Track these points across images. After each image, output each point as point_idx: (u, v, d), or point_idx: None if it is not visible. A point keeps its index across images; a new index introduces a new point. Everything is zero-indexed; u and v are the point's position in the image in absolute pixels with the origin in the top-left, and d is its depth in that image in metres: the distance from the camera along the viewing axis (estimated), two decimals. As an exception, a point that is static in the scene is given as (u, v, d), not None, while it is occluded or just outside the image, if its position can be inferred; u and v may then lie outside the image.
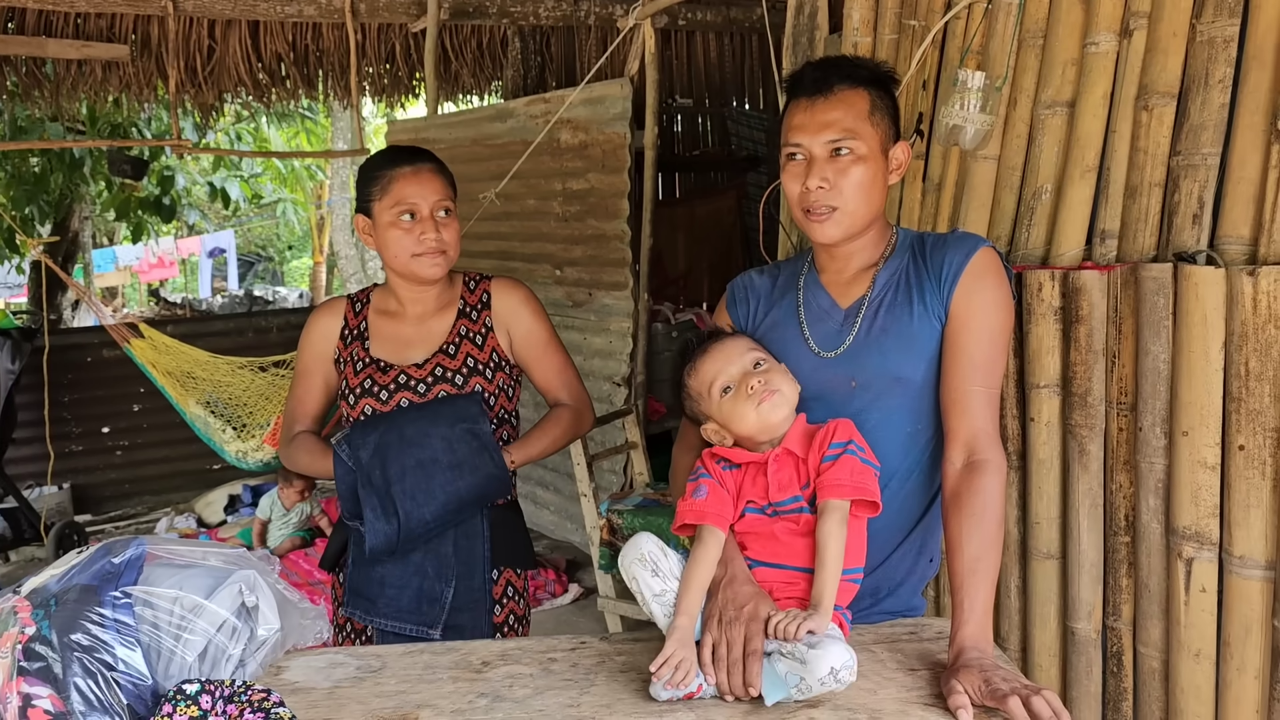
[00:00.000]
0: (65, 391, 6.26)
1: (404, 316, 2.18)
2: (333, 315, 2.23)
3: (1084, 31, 2.20)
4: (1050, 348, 2.17)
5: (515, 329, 2.19)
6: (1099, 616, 2.15)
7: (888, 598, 1.79)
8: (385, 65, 6.78)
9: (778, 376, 1.64)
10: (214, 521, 5.96)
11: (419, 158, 2.14)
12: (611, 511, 4.01)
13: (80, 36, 5.81)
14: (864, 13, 2.77)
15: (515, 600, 2.18)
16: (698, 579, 1.55)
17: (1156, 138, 2.05)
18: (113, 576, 1.41)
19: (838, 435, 1.60)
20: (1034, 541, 2.24)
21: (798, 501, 1.57)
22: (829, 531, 1.52)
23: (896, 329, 1.71)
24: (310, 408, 2.23)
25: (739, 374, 1.64)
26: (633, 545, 1.56)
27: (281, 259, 21.61)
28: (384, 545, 1.98)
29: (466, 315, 2.18)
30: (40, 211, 7.68)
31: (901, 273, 1.75)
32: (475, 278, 2.24)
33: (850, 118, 1.68)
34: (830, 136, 1.67)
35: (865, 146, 1.68)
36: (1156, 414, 1.98)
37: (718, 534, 1.59)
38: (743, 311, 1.88)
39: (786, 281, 1.87)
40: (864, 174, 1.68)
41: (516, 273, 5.39)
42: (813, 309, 1.80)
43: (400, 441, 1.98)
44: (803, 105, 1.70)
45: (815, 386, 1.73)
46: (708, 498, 1.61)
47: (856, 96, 1.69)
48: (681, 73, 7.16)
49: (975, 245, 1.71)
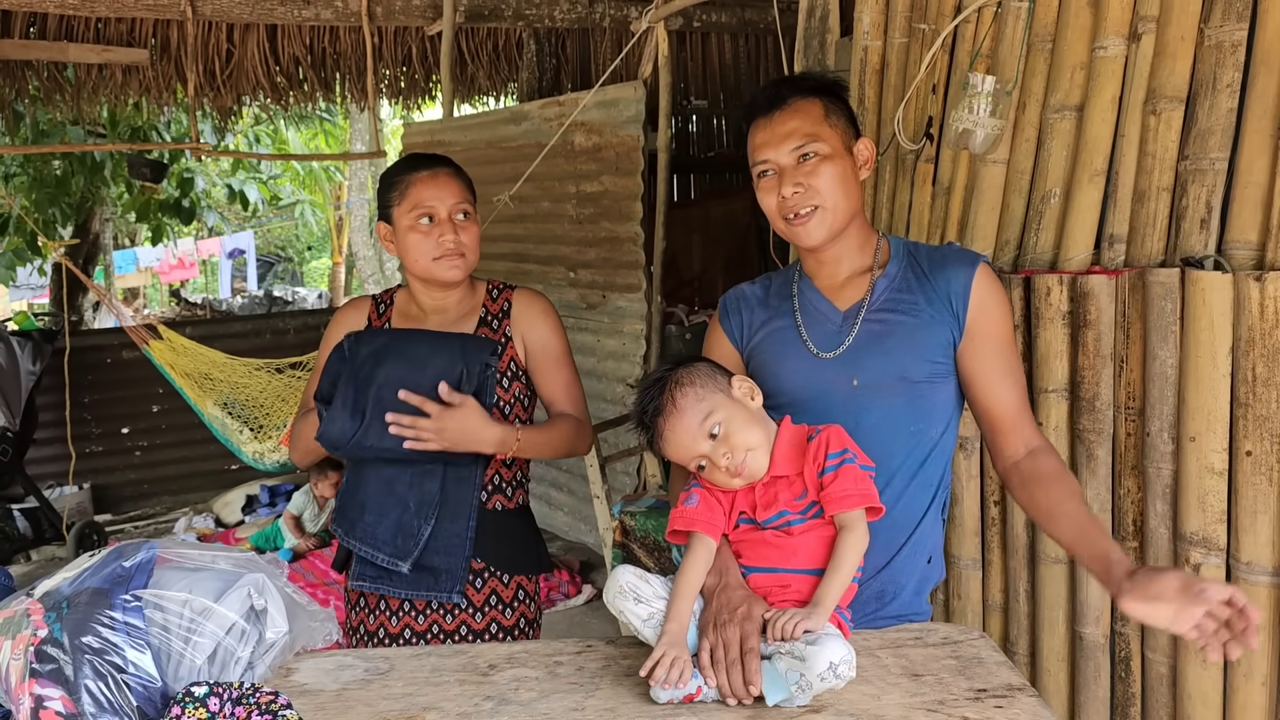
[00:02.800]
0: (85, 392, 6.32)
1: (425, 322, 2.18)
2: (357, 313, 2.23)
3: (1093, 35, 2.20)
4: (1058, 352, 2.17)
5: (531, 338, 2.18)
6: (1107, 621, 2.15)
7: (893, 601, 1.79)
8: (402, 68, 6.81)
9: (740, 434, 1.60)
10: (232, 521, 6.00)
11: (436, 162, 2.15)
12: (624, 513, 4.02)
13: (100, 41, 5.88)
14: (874, 16, 2.78)
15: (526, 604, 2.19)
16: (687, 585, 1.58)
17: (1165, 142, 2.05)
18: (124, 580, 1.43)
19: (832, 445, 1.61)
20: (1042, 546, 2.24)
21: (784, 516, 1.60)
22: (850, 544, 1.55)
23: (901, 330, 1.73)
24: None
25: (705, 450, 1.61)
26: (611, 581, 1.59)
27: (301, 259, 21.74)
28: (335, 438, 1.96)
29: (488, 324, 2.17)
30: (62, 214, 7.76)
31: (900, 278, 1.77)
32: (499, 286, 2.23)
33: (809, 123, 1.74)
34: (793, 144, 1.73)
35: (828, 146, 1.73)
36: (1164, 419, 1.98)
37: (708, 542, 1.61)
38: (736, 323, 1.90)
39: (779, 290, 1.89)
40: (834, 170, 1.73)
41: (530, 275, 5.41)
42: (810, 313, 1.82)
43: (402, 358, 1.97)
44: (760, 124, 1.76)
45: (815, 386, 1.76)
46: (698, 506, 1.64)
47: (809, 104, 1.75)
48: (696, 74, 7.15)
49: (976, 260, 1.76)
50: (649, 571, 1.62)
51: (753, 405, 1.67)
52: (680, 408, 1.63)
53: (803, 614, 1.46)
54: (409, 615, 2.12)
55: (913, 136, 2.62)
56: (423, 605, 2.11)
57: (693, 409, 1.63)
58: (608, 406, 4.80)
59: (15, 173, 7.55)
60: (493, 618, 2.14)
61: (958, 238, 2.48)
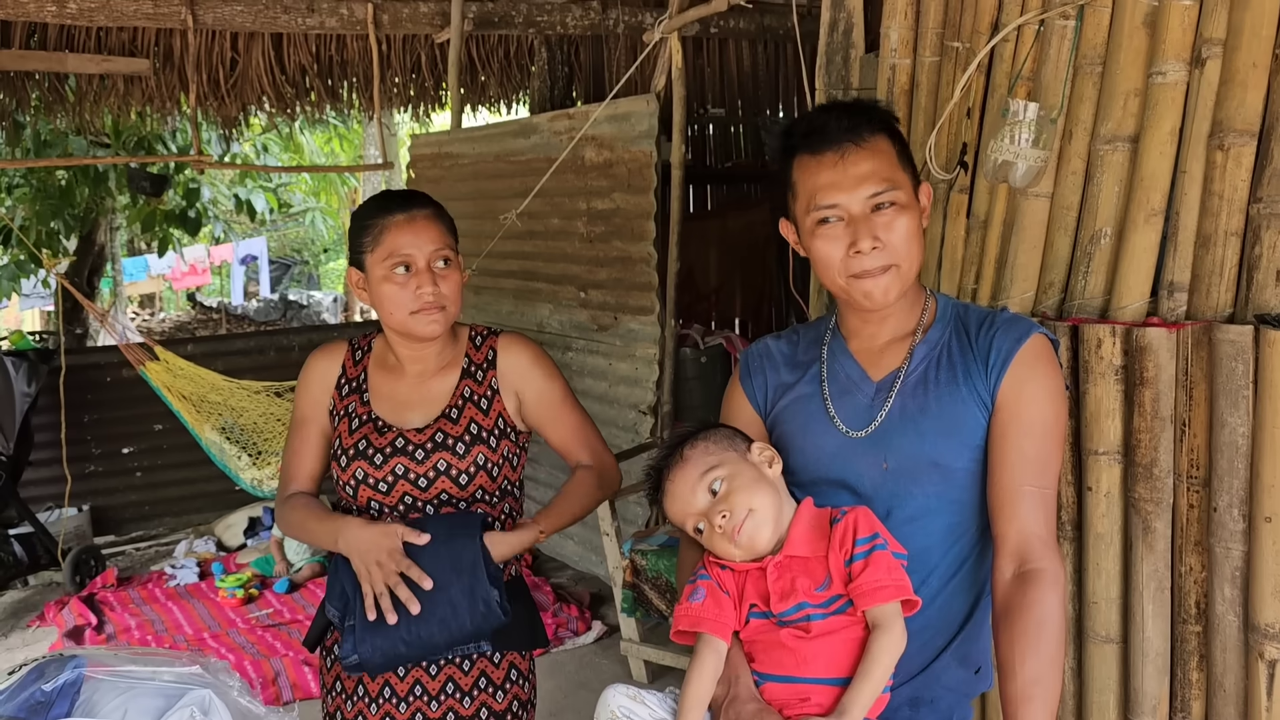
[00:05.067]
0: (85, 411, 6.17)
1: (403, 374, 2.00)
2: (330, 361, 2.05)
3: (1149, 59, 1.98)
4: (1110, 410, 1.96)
5: (526, 392, 2.00)
6: (1165, 712, 1.93)
7: (926, 708, 1.58)
8: (411, 75, 6.64)
9: (743, 496, 1.45)
10: (233, 545, 5.84)
11: (413, 203, 1.95)
12: (635, 551, 3.82)
13: (101, 50, 5.73)
14: (903, 33, 2.56)
15: (520, 684, 2.00)
16: (695, 697, 1.42)
17: (1234, 181, 1.83)
18: (42, 707, 1.25)
19: (860, 529, 1.42)
20: (1091, 623, 2.02)
21: (803, 609, 1.41)
22: (886, 644, 1.37)
23: (937, 409, 1.51)
24: (308, 465, 2.03)
25: (702, 509, 1.46)
26: (602, 705, 1.44)
27: (316, 262, 21.63)
28: (360, 664, 1.77)
29: (471, 375, 1.99)
30: (66, 225, 7.62)
31: (943, 347, 1.55)
32: (482, 333, 2.05)
33: (886, 166, 1.51)
34: (870, 190, 1.49)
35: (905, 194, 1.52)
36: (1234, 494, 1.76)
37: (716, 644, 1.44)
38: (759, 383, 1.69)
39: (808, 349, 1.67)
40: (909, 224, 1.51)
41: (540, 294, 5.22)
42: (839, 381, 1.60)
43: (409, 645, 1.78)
44: (828, 160, 1.50)
45: (841, 469, 1.54)
46: (704, 602, 1.46)
47: (885, 144, 1.53)
48: (714, 81, 6.94)
49: (1027, 330, 1.52)
50: (662, 614, 1.48)
51: (769, 473, 1.50)
52: (685, 458, 1.49)
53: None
54: (389, 703, 1.92)
55: (945, 165, 2.41)
56: (404, 692, 1.92)
57: (698, 461, 1.49)
58: (619, 434, 4.59)
59: (18, 184, 7.41)
60: (482, 702, 1.94)
61: (995, 277, 2.27)
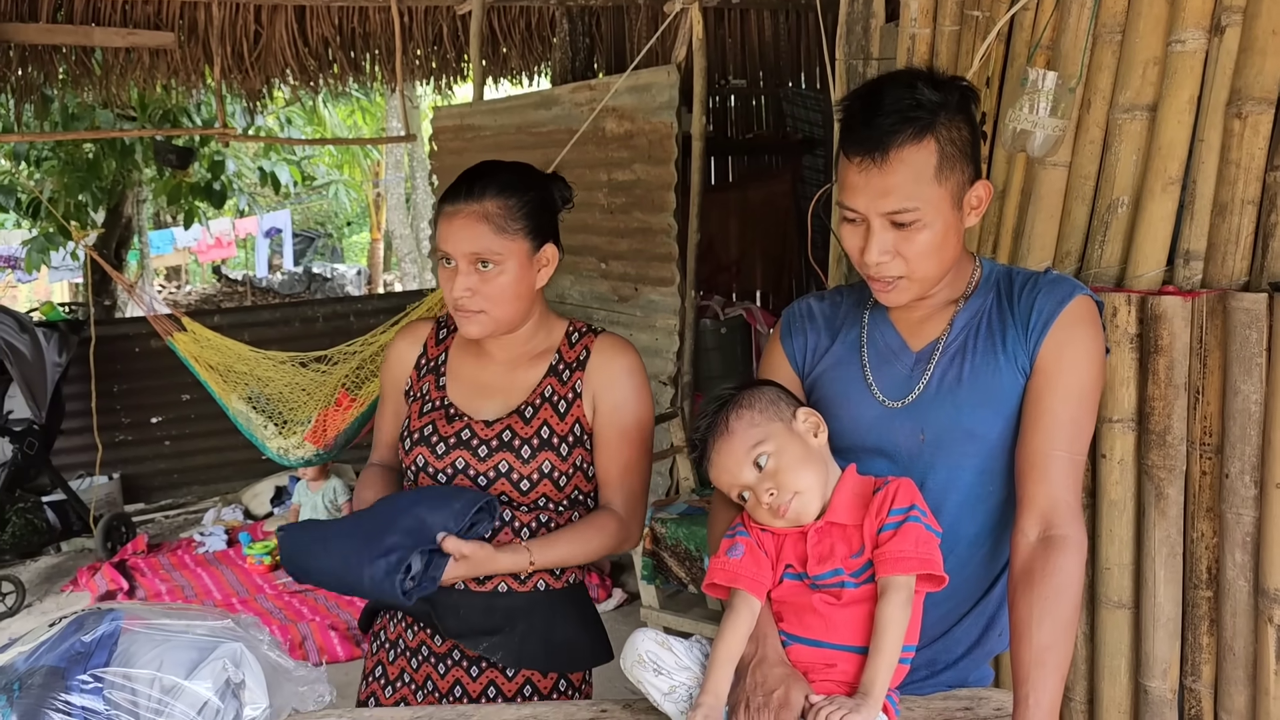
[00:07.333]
0: (115, 381, 6.28)
1: (490, 359, 1.87)
2: (412, 341, 1.97)
3: (1168, 27, 1.98)
4: (1125, 379, 1.97)
5: (604, 399, 1.82)
6: (1175, 675, 1.96)
7: (946, 670, 1.61)
8: (433, 47, 6.66)
9: (790, 473, 1.44)
10: (260, 513, 5.94)
11: (471, 193, 1.77)
12: (655, 520, 3.86)
13: (127, 24, 5.79)
14: (923, 2, 2.55)
15: (568, 694, 1.97)
16: (726, 652, 1.42)
17: (1251, 149, 1.84)
18: (82, 657, 1.30)
19: (898, 500, 1.41)
20: (1104, 588, 2.05)
21: (838, 575, 1.41)
22: (891, 615, 1.36)
23: (974, 379, 1.50)
24: (388, 436, 2.01)
25: (749, 481, 1.45)
26: (629, 648, 1.43)
27: (340, 235, 21.73)
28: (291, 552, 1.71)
29: (557, 374, 1.84)
30: (94, 198, 7.71)
31: (984, 314, 1.53)
32: (580, 329, 1.88)
33: (911, 182, 1.41)
34: (889, 207, 1.43)
35: (931, 212, 1.43)
36: (1246, 460, 1.78)
37: (751, 602, 1.45)
38: (799, 344, 1.65)
39: (849, 313, 1.64)
40: (930, 239, 1.44)
41: (562, 265, 5.22)
42: (878, 348, 1.58)
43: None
44: (858, 161, 1.43)
45: (878, 438, 1.54)
46: (743, 559, 1.46)
47: (920, 153, 1.41)
48: (735, 52, 6.93)
49: (1071, 291, 1.48)
50: (681, 582, 1.48)
51: (814, 442, 1.49)
52: (731, 430, 1.46)
53: (850, 705, 1.31)
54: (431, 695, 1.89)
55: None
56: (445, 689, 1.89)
57: (744, 433, 1.46)
58: (640, 403, 4.63)
59: (46, 156, 7.51)
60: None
61: (1012, 246, 2.28)
